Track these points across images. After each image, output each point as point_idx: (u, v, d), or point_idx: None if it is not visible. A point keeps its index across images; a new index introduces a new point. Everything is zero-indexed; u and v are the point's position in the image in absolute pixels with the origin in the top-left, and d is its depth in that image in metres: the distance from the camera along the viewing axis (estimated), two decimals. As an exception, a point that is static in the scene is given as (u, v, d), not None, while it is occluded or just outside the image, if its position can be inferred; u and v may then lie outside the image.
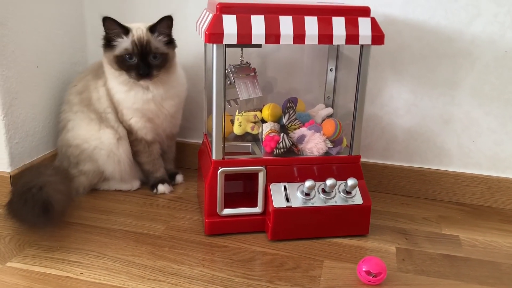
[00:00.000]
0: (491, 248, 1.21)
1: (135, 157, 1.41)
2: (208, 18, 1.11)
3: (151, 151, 1.40)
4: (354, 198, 1.19)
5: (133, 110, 1.32)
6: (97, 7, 1.55)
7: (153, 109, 1.32)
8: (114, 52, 1.25)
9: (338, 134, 1.24)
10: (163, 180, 1.43)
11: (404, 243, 1.21)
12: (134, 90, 1.29)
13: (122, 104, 1.32)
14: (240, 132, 1.26)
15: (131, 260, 1.09)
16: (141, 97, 1.29)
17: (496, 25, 1.30)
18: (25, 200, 1.12)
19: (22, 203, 1.12)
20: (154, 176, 1.43)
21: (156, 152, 1.42)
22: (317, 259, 1.12)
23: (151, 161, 1.41)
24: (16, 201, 1.14)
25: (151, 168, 1.42)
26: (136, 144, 1.39)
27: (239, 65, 1.28)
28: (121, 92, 1.30)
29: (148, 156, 1.40)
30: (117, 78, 1.28)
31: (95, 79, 1.38)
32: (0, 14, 1.22)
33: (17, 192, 1.15)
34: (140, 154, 1.40)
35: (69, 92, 1.42)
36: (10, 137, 1.30)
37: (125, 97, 1.30)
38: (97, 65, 1.42)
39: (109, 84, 1.32)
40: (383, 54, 1.39)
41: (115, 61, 1.25)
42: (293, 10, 1.10)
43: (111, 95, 1.33)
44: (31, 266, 1.06)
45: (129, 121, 1.34)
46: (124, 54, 1.23)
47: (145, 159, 1.41)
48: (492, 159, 1.41)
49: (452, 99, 1.39)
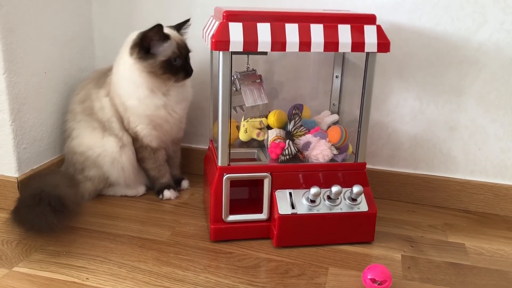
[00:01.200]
0: (498, 256, 1.20)
1: (141, 164, 1.42)
2: (215, 25, 1.11)
3: (157, 157, 1.41)
4: (359, 205, 1.19)
5: (143, 116, 1.32)
6: (105, 14, 1.57)
7: (163, 115, 1.33)
8: (158, 58, 1.24)
9: (344, 141, 1.24)
10: (169, 185, 1.44)
11: (409, 251, 1.20)
12: (152, 96, 1.29)
13: (131, 110, 1.32)
14: (246, 139, 1.27)
15: (137, 265, 1.10)
16: (155, 103, 1.30)
17: (502, 32, 1.30)
18: (39, 199, 1.13)
19: (36, 201, 1.13)
20: (160, 182, 1.44)
21: (161, 159, 1.43)
22: (322, 266, 1.12)
23: (156, 167, 1.42)
24: (29, 201, 1.15)
25: (156, 174, 1.43)
26: (142, 151, 1.39)
27: (245, 72, 1.28)
28: (136, 98, 1.30)
29: (154, 162, 1.41)
30: (145, 84, 1.27)
31: (96, 89, 1.39)
32: (9, 21, 1.23)
33: (29, 194, 1.16)
34: (145, 160, 1.41)
35: (72, 100, 1.43)
36: (18, 142, 1.31)
37: (138, 104, 1.30)
38: (98, 74, 1.43)
39: (122, 90, 1.31)
40: (389, 61, 1.39)
41: (161, 66, 1.25)
42: (299, 18, 1.10)
43: (121, 102, 1.32)
44: (37, 271, 1.06)
45: (135, 128, 1.35)
46: (172, 57, 1.26)
47: (150, 165, 1.41)
48: (499, 167, 1.40)
49: (458, 106, 1.38)
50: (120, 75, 1.31)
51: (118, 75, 1.32)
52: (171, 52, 1.26)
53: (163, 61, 1.25)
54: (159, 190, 1.44)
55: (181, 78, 1.29)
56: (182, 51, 1.28)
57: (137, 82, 1.28)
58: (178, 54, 1.26)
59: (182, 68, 1.28)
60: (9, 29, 1.23)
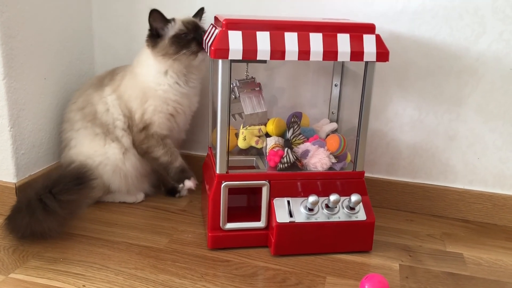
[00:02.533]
0: (496, 266, 1.20)
1: (149, 155, 1.37)
2: (215, 33, 1.12)
3: (165, 143, 1.38)
4: (357, 214, 1.19)
5: (170, 102, 1.34)
6: (105, 20, 1.57)
7: (185, 104, 1.37)
8: (168, 35, 1.29)
9: (342, 149, 1.24)
10: (184, 171, 1.38)
11: (407, 260, 1.20)
12: (178, 83, 1.33)
13: (159, 97, 1.33)
14: (245, 146, 1.27)
15: (134, 273, 1.09)
16: (181, 90, 1.34)
17: (501, 43, 1.30)
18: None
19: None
20: (174, 166, 1.37)
21: (170, 143, 1.39)
22: (320, 275, 1.12)
23: (167, 152, 1.37)
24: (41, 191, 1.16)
25: (168, 158, 1.37)
26: (148, 140, 1.36)
27: (244, 80, 1.29)
28: (166, 84, 1.33)
29: (163, 147, 1.37)
30: (169, 70, 1.31)
31: (99, 91, 1.39)
32: (10, 27, 1.24)
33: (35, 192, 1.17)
34: (153, 149, 1.37)
35: (68, 109, 1.42)
36: (16, 148, 1.31)
37: (168, 89, 1.33)
38: (95, 79, 1.43)
39: (150, 79, 1.33)
40: (389, 70, 1.39)
41: (172, 42, 1.28)
42: (298, 26, 1.11)
43: (143, 93, 1.33)
44: (34, 278, 1.06)
45: (153, 117, 1.34)
46: (180, 32, 1.29)
47: (160, 152, 1.37)
48: (498, 176, 1.40)
49: (457, 116, 1.38)
50: (145, 68, 1.34)
51: (142, 68, 1.34)
52: (177, 29, 1.29)
53: (171, 38, 1.29)
54: (178, 179, 1.37)
55: (194, 49, 1.28)
56: (189, 26, 1.30)
57: (161, 69, 1.32)
58: (185, 30, 1.29)
59: (193, 40, 1.29)
60: (9, 35, 1.24)
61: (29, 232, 1.16)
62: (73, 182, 1.19)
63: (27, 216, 1.15)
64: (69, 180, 1.19)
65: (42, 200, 1.15)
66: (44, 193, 1.16)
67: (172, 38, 1.28)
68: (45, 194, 1.15)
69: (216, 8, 1.45)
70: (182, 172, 1.38)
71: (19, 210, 1.17)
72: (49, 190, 1.16)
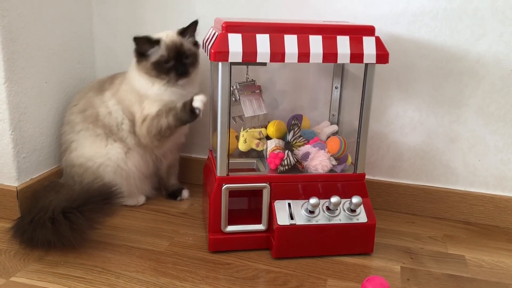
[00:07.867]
0: (498, 268, 1.19)
1: (164, 132, 1.32)
2: (215, 36, 1.12)
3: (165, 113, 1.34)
4: (358, 216, 1.19)
5: (164, 101, 1.32)
6: (106, 24, 1.58)
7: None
8: (150, 60, 1.29)
9: (343, 151, 1.24)
10: (186, 102, 1.29)
11: (409, 263, 1.20)
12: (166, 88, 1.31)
13: (151, 98, 1.31)
14: (245, 149, 1.27)
15: (134, 276, 1.09)
16: (174, 91, 1.32)
17: (501, 44, 1.30)
18: None
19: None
20: (179, 107, 1.30)
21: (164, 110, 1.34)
22: (321, 277, 1.12)
23: (169, 112, 1.32)
24: None
25: (172, 112, 1.31)
26: (151, 123, 1.32)
27: (245, 83, 1.29)
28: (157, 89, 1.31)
29: (165, 115, 1.32)
30: (151, 88, 1.31)
31: (99, 95, 1.39)
32: (11, 31, 1.24)
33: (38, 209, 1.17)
34: (161, 122, 1.32)
35: (69, 112, 1.43)
36: (17, 151, 1.31)
37: (161, 92, 1.31)
38: (96, 83, 1.44)
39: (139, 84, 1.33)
40: (389, 72, 1.39)
41: (153, 68, 1.29)
42: (298, 29, 1.11)
43: (136, 87, 1.33)
44: (35, 281, 1.06)
45: (151, 108, 1.32)
46: (161, 59, 1.28)
47: (166, 118, 1.31)
48: (499, 178, 1.40)
49: (458, 118, 1.38)
50: (137, 75, 1.33)
51: (134, 76, 1.34)
52: (159, 55, 1.29)
53: (152, 63, 1.29)
54: (190, 108, 1.26)
55: (173, 79, 1.29)
56: (171, 53, 1.29)
57: (148, 80, 1.31)
58: (166, 57, 1.28)
59: (174, 68, 1.29)
60: (10, 39, 1.24)
61: (47, 245, 1.16)
62: (102, 202, 1.19)
63: (50, 232, 1.14)
64: (98, 199, 1.19)
65: (69, 218, 1.14)
66: (71, 210, 1.15)
67: (153, 64, 1.29)
68: (73, 212, 1.15)
69: (216, 11, 1.46)
70: (184, 104, 1.29)
71: (41, 225, 1.15)
72: (76, 207, 1.16)
